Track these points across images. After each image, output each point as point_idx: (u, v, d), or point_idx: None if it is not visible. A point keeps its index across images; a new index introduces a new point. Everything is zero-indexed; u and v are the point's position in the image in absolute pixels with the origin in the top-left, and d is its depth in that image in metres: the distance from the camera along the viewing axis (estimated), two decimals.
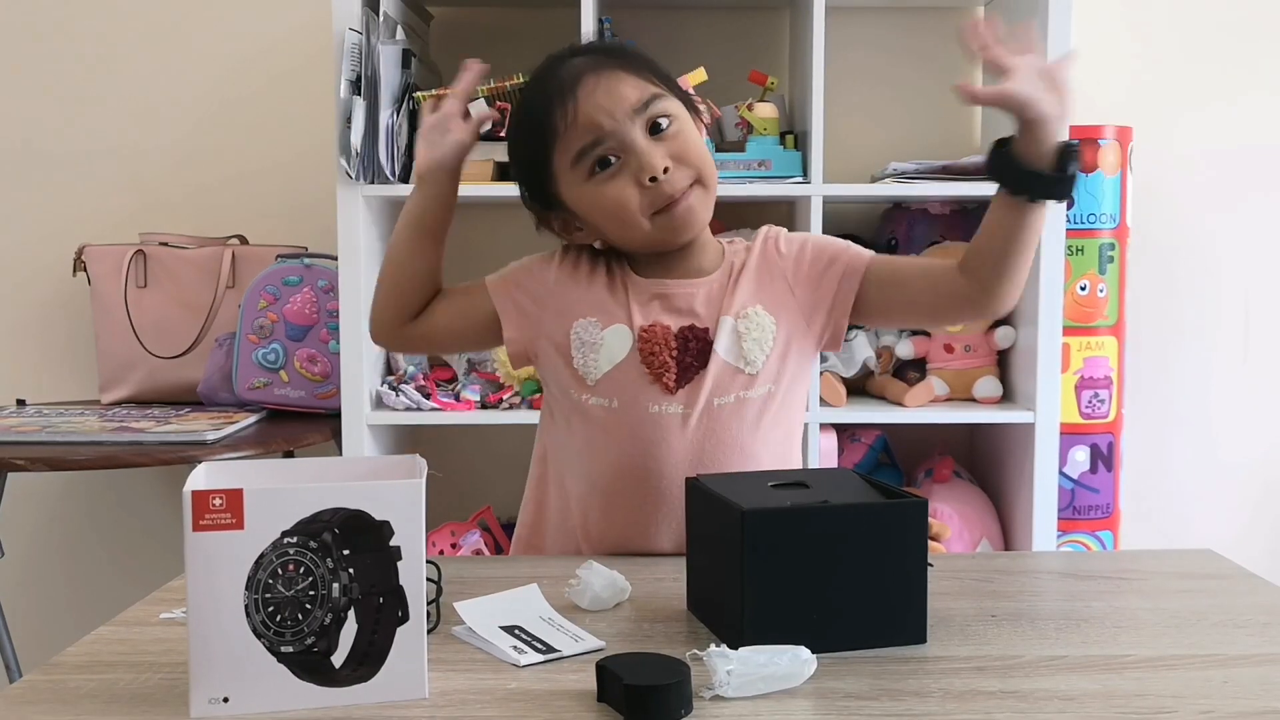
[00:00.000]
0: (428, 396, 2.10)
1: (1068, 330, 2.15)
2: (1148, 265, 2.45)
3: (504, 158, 2.08)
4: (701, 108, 1.42)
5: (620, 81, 1.26)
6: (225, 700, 0.84)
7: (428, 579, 0.89)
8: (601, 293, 1.33)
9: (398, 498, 0.85)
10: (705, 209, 1.30)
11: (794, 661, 0.89)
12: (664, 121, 1.27)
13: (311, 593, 0.85)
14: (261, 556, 0.84)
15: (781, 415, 1.34)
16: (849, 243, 1.37)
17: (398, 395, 2.08)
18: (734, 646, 0.89)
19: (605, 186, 1.27)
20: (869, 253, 1.35)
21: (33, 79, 2.47)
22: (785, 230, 1.40)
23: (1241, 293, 2.52)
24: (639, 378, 1.29)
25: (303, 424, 2.15)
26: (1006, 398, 2.22)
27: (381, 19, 2.03)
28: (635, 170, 1.25)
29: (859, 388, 2.29)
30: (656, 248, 1.32)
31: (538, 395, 2.08)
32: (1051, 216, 2.04)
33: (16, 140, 2.48)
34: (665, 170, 1.25)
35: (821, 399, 2.12)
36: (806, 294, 1.34)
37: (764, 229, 1.40)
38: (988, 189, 2.16)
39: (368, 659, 0.86)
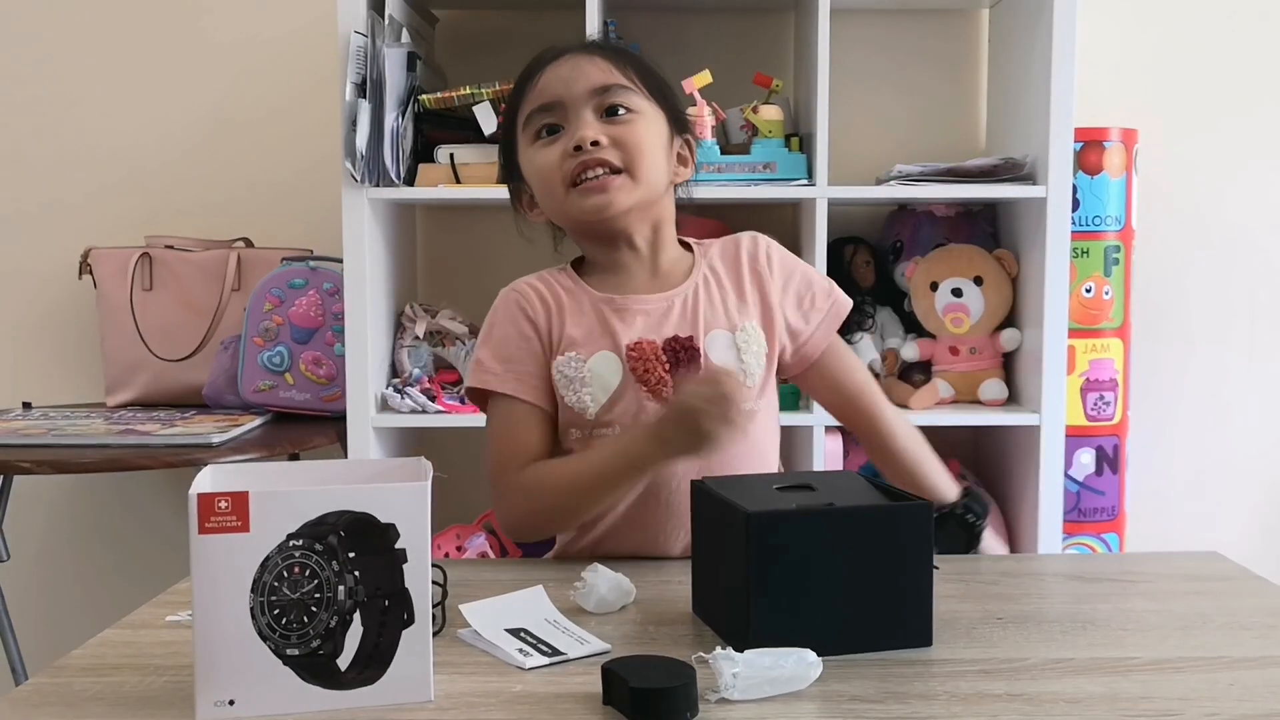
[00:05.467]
0: (433, 399, 2.10)
1: (1073, 332, 2.15)
2: (1153, 267, 2.44)
3: None
4: (698, 121, 1.42)
5: (591, 64, 1.30)
6: (231, 703, 0.84)
7: (433, 582, 0.89)
8: (576, 323, 1.31)
9: (403, 500, 0.85)
10: (626, 198, 1.28)
11: (800, 664, 0.89)
12: (621, 110, 1.29)
13: (317, 595, 0.85)
14: (267, 559, 0.84)
15: (766, 426, 1.35)
16: (834, 285, 1.40)
17: (403, 398, 2.08)
18: (740, 649, 0.89)
19: (541, 151, 1.30)
20: (848, 304, 1.39)
21: (38, 82, 2.47)
22: (774, 244, 1.39)
23: (1247, 295, 2.51)
24: (636, 399, 1.29)
25: (308, 427, 2.15)
26: (1012, 400, 2.21)
27: (387, 22, 2.03)
28: (568, 140, 1.28)
29: None
30: (581, 227, 1.32)
31: None
32: (1056, 221, 2.04)
33: (22, 143, 2.48)
34: (594, 144, 1.26)
35: None
36: (790, 319, 1.35)
37: (747, 236, 1.39)
38: (993, 191, 2.18)
39: (373, 662, 0.86)
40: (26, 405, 2.30)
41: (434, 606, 0.93)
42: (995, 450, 2.36)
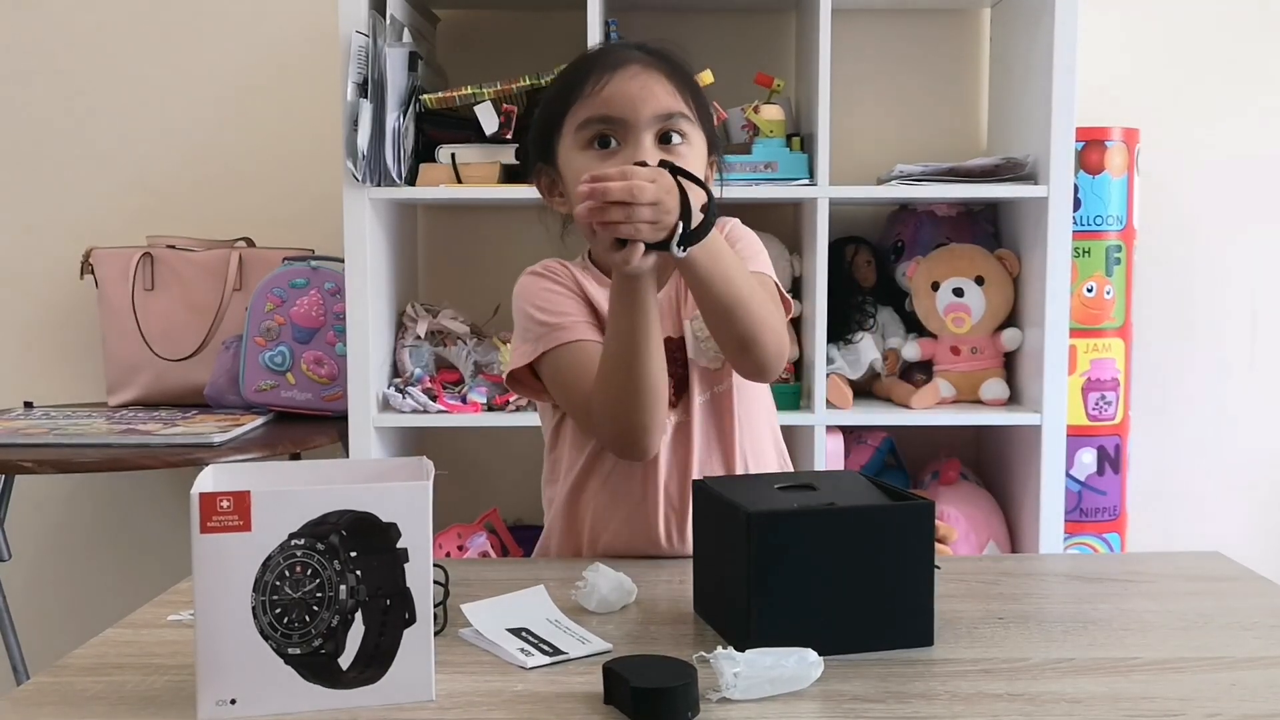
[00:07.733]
0: (434, 399, 2.10)
1: (1074, 332, 2.15)
2: (1155, 267, 2.44)
3: (510, 160, 2.10)
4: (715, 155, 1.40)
5: (659, 85, 1.28)
6: (233, 702, 0.84)
7: (435, 581, 0.89)
8: (595, 312, 1.32)
9: (405, 500, 0.85)
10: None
11: (801, 664, 0.89)
12: (676, 137, 1.29)
13: (319, 595, 0.85)
14: (269, 558, 0.84)
15: (745, 405, 1.35)
16: (771, 276, 1.35)
17: (404, 397, 2.08)
18: (741, 649, 0.89)
19: (593, 162, 1.28)
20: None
21: (40, 82, 2.47)
22: (738, 225, 1.38)
23: (1249, 295, 2.51)
24: None
25: (309, 426, 2.15)
26: (1013, 400, 2.21)
27: (388, 22, 2.03)
28: (625, 159, 1.26)
29: (865, 390, 2.29)
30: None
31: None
32: (1057, 220, 2.04)
33: (24, 144, 2.48)
34: None
35: (828, 401, 2.12)
36: None
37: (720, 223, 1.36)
38: (994, 191, 2.17)
39: (375, 661, 0.86)
40: (28, 405, 2.30)
41: (435, 606, 0.93)
42: (996, 450, 2.36)
